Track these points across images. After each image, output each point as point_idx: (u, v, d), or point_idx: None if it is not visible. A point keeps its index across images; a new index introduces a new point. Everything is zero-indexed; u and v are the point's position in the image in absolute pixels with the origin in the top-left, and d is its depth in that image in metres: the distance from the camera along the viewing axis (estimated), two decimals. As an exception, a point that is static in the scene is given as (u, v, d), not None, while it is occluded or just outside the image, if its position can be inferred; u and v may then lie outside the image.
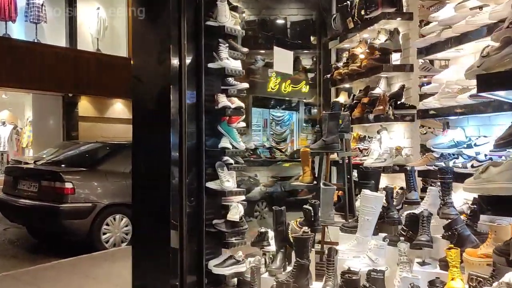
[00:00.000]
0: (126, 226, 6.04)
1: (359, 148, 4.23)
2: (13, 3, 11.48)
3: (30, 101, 13.89)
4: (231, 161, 3.51)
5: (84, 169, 5.99)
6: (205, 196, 3.37)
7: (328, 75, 4.80)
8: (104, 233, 5.82)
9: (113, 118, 14.07)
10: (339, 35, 4.68)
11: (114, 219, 5.92)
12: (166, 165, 3.24)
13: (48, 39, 12.63)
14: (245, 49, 3.62)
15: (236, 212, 3.31)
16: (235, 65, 3.40)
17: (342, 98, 4.84)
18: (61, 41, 13.03)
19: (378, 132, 4.08)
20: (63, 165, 6.10)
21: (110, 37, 14.24)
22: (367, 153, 4.05)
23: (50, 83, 12.11)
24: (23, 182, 5.92)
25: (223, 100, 3.37)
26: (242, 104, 3.41)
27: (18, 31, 12.13)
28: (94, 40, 13.72)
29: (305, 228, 3.06)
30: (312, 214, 3.14)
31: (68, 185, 5.51)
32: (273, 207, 3.38)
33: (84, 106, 13.33)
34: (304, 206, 3.21)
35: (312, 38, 7.07)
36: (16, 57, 11.46)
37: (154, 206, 3.33)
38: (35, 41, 12.12)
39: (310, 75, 5.03)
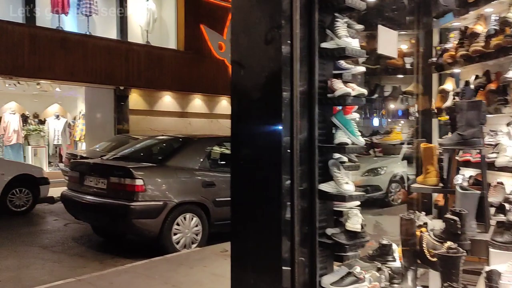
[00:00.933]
0: (196, 226, 5.65)
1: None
2: (66, -4, 11.38)
3: (83, 94, 13.91)
4: (345, 159, 2.98)
5: (154, 164, 5.62)
6: (318, 200, 2.86)
7: (434, 59, 4.17)
8: (175, 234, 5.44)
9: (162, 111, 13.87)
10: (449, 12, 4.04)
11: (185, 218, 5.54)
12: (275, 163, 2.75)
13: (100, 32, 12.51)
14: (360, 26, 3.05)
15: (357, 220, 2.79)
16: (355, 44, 2.85)
17: (450, 85, 4.20)
18: (112, 34, 12.89)
19: (508, 125, 3.43)
20: (131, 161, 5.74)
21: (159, 29, 14.03)
22: (496, 149, 3.41)
23: (102, 76, 11.99)
24: (90, 178, 5.63)
25: (340, 87, 2.83)
26: (364, 91, 2.86)
27: (70, 23, 12.05)
28: (144, 33, 13.52)
29: (450, 244, 2.49)
30: (458, 225, 2.56)
31: (139, 182, 5.15)
32: (400, 215, 2.82)
33: (134, 99, 13.17)
34: (446, 215, 2.63)
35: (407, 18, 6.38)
36: (69, 50, 11.38)
37: (260, 210, 2.85)
38: (87, 33, 12.00)
39: (408, 60, 4.44)
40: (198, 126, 14.40)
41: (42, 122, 13.64)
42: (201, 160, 5.88)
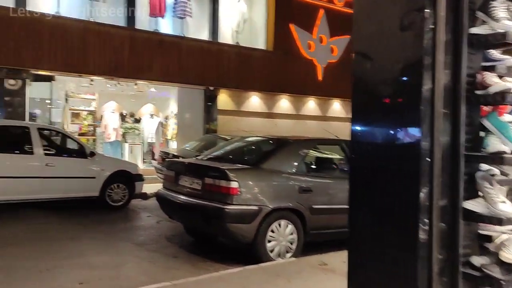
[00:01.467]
0: (291, 234, 5.30)
1: None
2: (163, 0, 11.75)
3: (174, 94, 14.35)
4: (496, 171, 2.41)
5: (249, 166, 5.38)
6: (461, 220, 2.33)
7: None
8: (269, 241, 5.13)
9: (249, 112, 13.81)
10: None
11: (279, 225, 5.21)
12: (411, 173, 2.28)
13: (193, 33, 12.76)
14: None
15: (516, 248, 2.21)
16: (516, 29, 2.28)
17: None
18: (204, 35, 13.08)
19: None
20: (225, 162, 5.55)
21: (249, 29, 13.99)
22: None
23: (194, 76, 12.21)
24: (185, 178, 5.53)
25: (496, 81, 2.28)
26: (529, 87, 2.27)
27: (165, 26, 12.43)
28: (234, 33, 13.56)
29: None
30: None
31: (234, 185, 4.92)
32: None
33: (223, 99, 13.25)
34: None
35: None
36: (165, 51, 11.72)
37: (389, 230, 2.40)
38: (181, 35, 12.28)
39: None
40: (284, 127, 14.13)
41: (138, 120, 14.27)
42: (297, 163, 5.52)
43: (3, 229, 6.48)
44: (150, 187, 9.78)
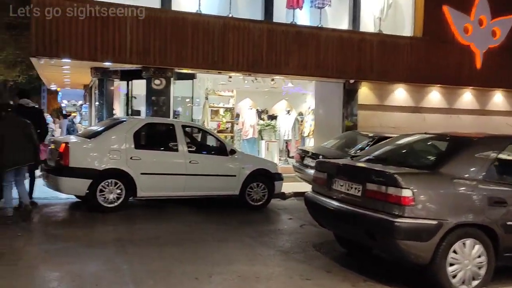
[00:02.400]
0: (479, 257, 4.18)
1: None
2: (302, -10, 11.19)
3: (307, 90, 13.73)
4: None
5: (423, 171, 4.38)
6: None
7: None
8: (451, 264, 4.09)
9: (393, 106, 12.50)
10: None
11: (464, 245, 4.14)
12: None
13: (331, 23, 11.96)
14: None
15: None
16: None
17: None
18: (343, 24, 12.18)
19: None
20: (389, 164, 4.62)
21: (393, 15, 12.64)
22: None
23: (333, 69, 11.42)
24: (341, 182, 4.75)
25: None
26: None
27: (303, 17, 11.84)
28: (376, 21, 12.37)
29: None
30: None
31: (407, 193, 3.99)
32: None
33: (364, 93, 12.19)
34: None
35: None
36: (302, 44, 11.15)
37: None
38: (319, 26, 11.56)
39: None
40: (433, 123, 12.48)
41: (273, 117, 14.00)
42: (486, 168, 4.34)
43: (153, 227, 6.51)
44: (288, 187, 9.29)
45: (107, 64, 10.30)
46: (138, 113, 11.19)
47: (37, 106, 7.68)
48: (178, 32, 10.06)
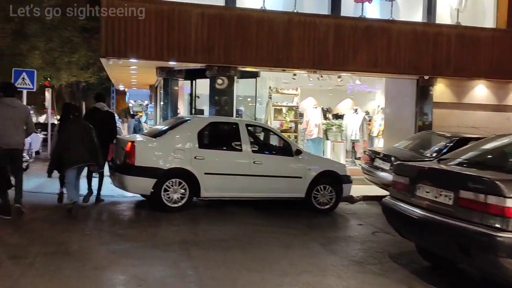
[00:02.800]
0: None
1: None
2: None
3: (374, 88, 12.99)
4: None
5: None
6: None
7: None
8: None
9: (472, 104, 11.45)
10: None
11: None
12: None
13: (404, 16, 11.18)
14: None
15: None
16: None
17: None
18: (417, 16, 11.35)
19: None
20: (487, 169, 4.01)
21: (473, 6, 11.60)
22: None
23: (406, 64, 10.68)
24: (427, 188, 4.21)
25: None
26: None
27: (372, 10, 11.17)
28: (454, 12, 11.41)
29: None
30: None
31: (512, 204, 3.39)
32: None
33: (440, 90, 11.28)
34: None
35: None
36: (372, 38, 10.52)
37: None
38: (390, 19, 10.85)
39: None
40: (518, 123, 11.29)
41: (339, 116, 13.41)
42: None
43: (217, 228, 6.28)
44: (356, 190, 8.74)
45: (172, 63, 10.32)
46: (201, 112, 11.15)
47: (111, 111, 8.07)
48: (242, 29, 9.85)
